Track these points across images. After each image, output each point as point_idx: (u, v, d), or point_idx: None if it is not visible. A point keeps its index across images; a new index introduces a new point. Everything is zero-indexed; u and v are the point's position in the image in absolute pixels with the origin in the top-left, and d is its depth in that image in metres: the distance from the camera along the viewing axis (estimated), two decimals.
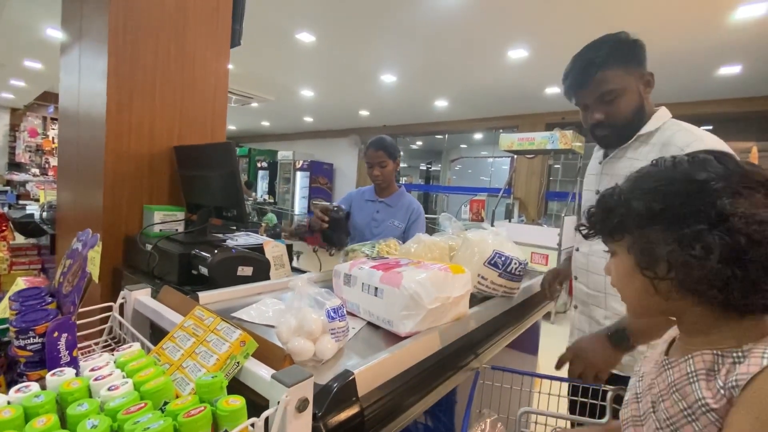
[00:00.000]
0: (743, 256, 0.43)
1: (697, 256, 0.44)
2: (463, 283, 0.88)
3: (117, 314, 0.81)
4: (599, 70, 0.99)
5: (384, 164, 1.91)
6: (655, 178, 0.51)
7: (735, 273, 0.43)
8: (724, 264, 0.43)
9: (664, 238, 0.48)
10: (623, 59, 1.00)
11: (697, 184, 0.47)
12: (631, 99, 1.01)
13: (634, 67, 1.00)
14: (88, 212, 1.57)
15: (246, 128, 11.86)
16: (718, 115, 5.51)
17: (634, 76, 1.01)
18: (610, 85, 0.99)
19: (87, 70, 1.60)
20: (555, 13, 3.39)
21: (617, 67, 0.99)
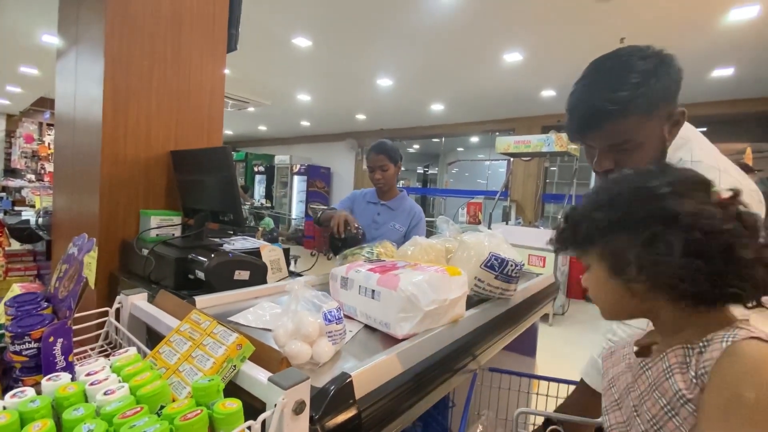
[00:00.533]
0: (703, 247, 0.46)
1: (662, 254, 0.48)
2: (460, 284, 0.88)
3: (113, 319, 0.81)
4: (611, 121, 0.76)
5: (385, 168, 1.92)
6: (609, 191, 0.56)
7: (698, 265, 0.46)
8: (688, 257, 0.46)
9: (629, 242, 0.51)
10: (646, 106, 0.74)
11: (646, 191, 0.52)
12: (651, 149, 0.79)
13: (661, 107, 0.76)
14: (84, 217, 1.57)
15: (243, 133, 11.87)
16: (712, 116, 5.56)
17: (659, 119, 0.77)
18: (626, 135, 0.77)
19: (83, 75, 1.60)
20: (550, 17, 3.42)
21: (637, 117, 0.75)
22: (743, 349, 0.44)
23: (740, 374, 0.43)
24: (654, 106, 0.75)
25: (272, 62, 5.11)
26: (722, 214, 0.48)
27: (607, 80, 0.77)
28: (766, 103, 5.06)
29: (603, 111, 0.75)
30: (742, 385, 0.42)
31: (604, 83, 0.77)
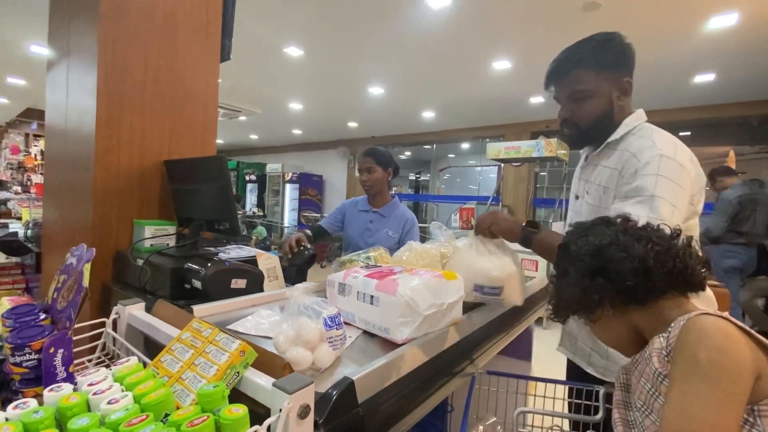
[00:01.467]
0: (594, 267, 0.64)
1: (571, 285, 0.67)
2: (457, 288, 0.89)
3: (110, 330, 0.80)
4: (574, 68, 0.99)
5: (372, 170, 1.95)
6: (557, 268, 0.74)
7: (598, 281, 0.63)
8: (586, 277, 0.64)
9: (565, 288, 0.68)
10: (599, 62, 0.97)
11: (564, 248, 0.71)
12: (599, 103, 0.99)
13: (610, 71, 0.98)
14: (76, 228, 1.55)
15: (234, 142, 11.83)
16: (695, 121, 5.70)
17: (608, 81, 0.98)
18: (580, 85, 0.99)
19: (75, 86, 1.60)
20: (537, 26, 3.50)
21: (591, 69, 0.97)
22: (695, 322, 0.54)
23: (694, 341, 0.52)
24: (603, 66, 0.97)
25: (264, 71, 5.13)
26: (606, 236, 0.65)
27: (575, 46, 1.01)
28: (746, 107, 5.20)
29: (565, 62, 1.00)
30: (696, 349, 0.51)
31: (573, 47, 1.01)
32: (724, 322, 0.53)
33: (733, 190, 3.65)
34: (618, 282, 0.61)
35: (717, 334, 0.51)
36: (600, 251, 0.64)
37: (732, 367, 0.49)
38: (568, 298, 0.68)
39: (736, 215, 3.56)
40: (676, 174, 0.86)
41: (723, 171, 3.84)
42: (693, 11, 3.11)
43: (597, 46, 0.98)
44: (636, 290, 0.61)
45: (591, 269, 0.64)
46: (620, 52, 0.99)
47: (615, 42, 0.99)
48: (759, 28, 3.29)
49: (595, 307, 0.65)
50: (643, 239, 0.63)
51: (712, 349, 0.50)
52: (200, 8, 1.66)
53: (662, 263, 0.61)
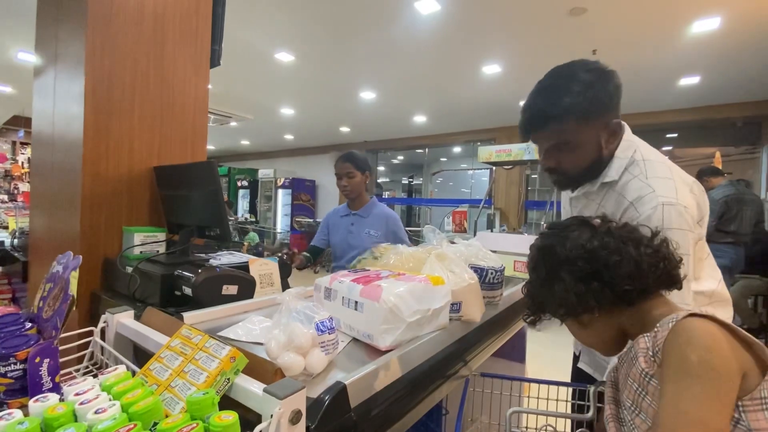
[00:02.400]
0: (589, 270, 0.63)
1: (564, 289, 0.65)
2: (443, 294, 0.87)
3: (98, 339, 0.79)
4: (554, 121, 0.87)
5: (352, 175, 2.00)
6: (530, 261, 0.73)
7: (593, 285, 0.63)
8: (581, 282, 0.64)
9: (552, 290, 0.67)
10: (584, 112, 0.85)
11: (545, 250, 0.70)
12: (588, 152, 0.90)
13: (596, 117, 0.87)
14: (64, 237, 1.52)
15: (225, 147, 11.77)
16: (681, 123, 5.80)
17: (596, 128, 0.88)
18: (564, 136, 0.89)
19: (62, 93, 1.58)
20: (526, 30, 3.55)
21: (575, 121, 0.86)
22: (685, 324, 0.55)
23: (684, 343, 0.53)
24: (590, 113, 0.86)
25: (255, 77, 5.12)
26: (594, 239, 0.64)
27: (554, 87, 0.88)
28: (731, 109, 5.31)
29: (546, 114, 0.88)
30: (686, 351, 0.52)
31: (551, 89, 0.89)
32: (709, 323, 0.54)
33: (719, 190, 3.72)
34: (615, 286, 0.61)
35: (705, 335, 0.53)
36: (593, 255, 0.63)
37: (722, 366, 0.50)
38: (555, 303, 0.67)
39: (723, 215, 3.63)
40: (681, 221, 0.81)
41: (710, 171, 3.91)
42: (676, 15, 3.17)
43: (580, 94, 0.85)
44: (630, 293, 0.62)
45: (584, 273, 0.63)
46: (608, 92, 0.87)
47: (601, 80, 0.87)
48: (741, 32, 3.38)
49: (584, 311, 0.65)
50: (630, 241, 0.64)
51: (702, 349, 0.51)
52: (189, 14, 1.66)
53: (654, 265, 0.62)
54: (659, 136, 6.41)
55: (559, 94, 0.86)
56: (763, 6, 2.98)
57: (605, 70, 0.88)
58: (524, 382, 1.08)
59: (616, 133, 0.92)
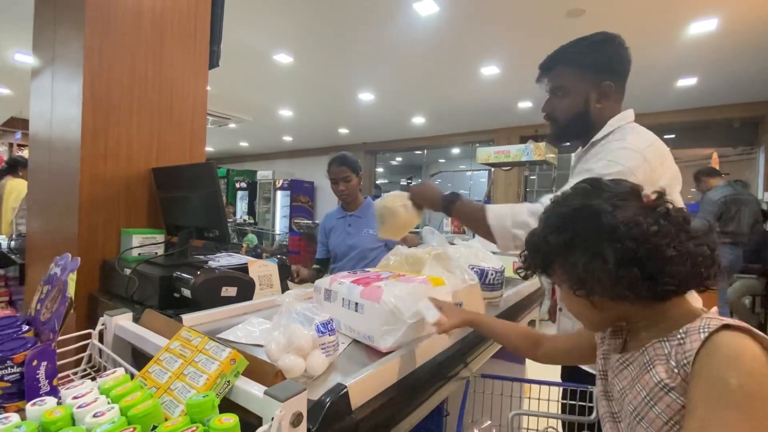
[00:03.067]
0: (634, 255, 0.51)
1: (600, 268, 0.53)
2: (444, 295, 0.87)
3: (96, 341, 0.78)
4: (558, 64, 1.01)
5: (349, 179, 2.00)
6: (558, 214, 0.60)
7: (634, 272, 0.51)
8: (624, 267, 0.51)
9: (580, 260, 0.55)
10: (583, 62, 0.98)
11: (587, 210, 0.56)
12: (575, 102, 1.00)
13: (591, 72, 0.98)
14: (61, 239, 1.52)
15: (224, 149, 11.76)
16: (679, 124, 5.83)
17: (587, 82, 0.98)
18: (559, 81, 1.01)
19: (60, 94, 1.57)
20: (524, 31, 3.56)
21: (572, 67, 0.99)
22: (720, 339, 0.48)
23: (723, 363, 0.47)
24: (582, 65, 0.98)
25: (253, 78, 5.12)
26: (650, 218, 0.53)
27: (570, 43, 1.01)
28: (728, 110, 5.34)
29: (552, 57, 1.02)
30: (725, 374, 0.46)
31: (567, 44, 1.01)
32: (749, 340, 0.48)
33: (717, 190, 3.73)
34: (659, 282, 0.51)
35: (747, 358, 0.46)
36: (648, 239, 0.51)
37: (764, 397, 0.45)
38: (573, 275, 0.56)
39: (722, 215, 3.64)
40: (633, 161, 0.85)
41: (707, 172, 3.92)
42: (674, 17, 3.19)
43: (586, 47, 0.98)
44: (669, 292, 0.53)
45: (630, 257, 0.51)
46: (608, 55, 0.98)
47: (606, 45, 0.98)
48: (738, 33, 3.39)
49: (610, 296, 0.55)
50: (687, 233, 0.53)
51: (744, 375, 0.45)
52: (188, 15, 1.66)
53: (707, 267, 0.53)
54: (657, 137, 6.42)
55: (571, 45, 1.00)
56: (760, 7, 2.99)
57: (613, 37, 0.98)
58: (525, 383, 1.08)
59: (606, 94, 0.99)
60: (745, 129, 5.52)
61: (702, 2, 2.96)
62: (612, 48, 0.98)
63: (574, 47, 0.99)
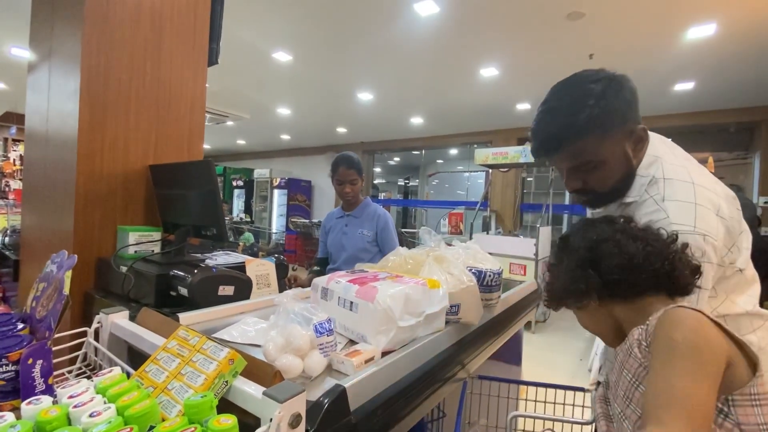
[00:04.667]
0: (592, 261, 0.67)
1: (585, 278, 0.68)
2: (440, 298, 0.85)
3: (92, 339, 0.78)
4: (572, 142, 0.79)
5: (355, 182, 2.01)
6: (553, 255, 0.78)
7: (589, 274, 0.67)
8: (587, 269, 0.67)
9: (564, 280, 0.71)
10: (601, 127, 0.77)
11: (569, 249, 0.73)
12: (615, 167, 0.81)
13: (616, 128, 0.78)
14: (57, 235, 1.50)
15: (221, 147, 11.71)
16: (676, 128, 5.86)
17: (618, 140, 0.79)
18: (584, 157, 0.80)
19: (57, 89, 1.56)
20: (524, 34, 3.56)
21: (593, 138, 0.77)
22: (672, 312, 0.59)
23: (670, 326, 0.57)
24: (608, 125, 0.77)
25: (252, 76, 5.10)
26: (606, 233, 0.68)
27: (563, 105, 0.80)
28: (724, 114, 5.37)
29: (560, 135, 0.79)
30: (672, 332, 0.56)
31: (561, 108, 0.80)
32: (696, 312, 0.57)
33: None
34: (605, 275, 0.66)
35: (691, 319, 0.56)
36: (596, 245, 0.68)
37: (704, 345, 0.53)
38: (559, 286, 0.72)
39: None
40: (696, 250, 0.71)
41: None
42: (673, 21, 3.20)
43: (593, 108, 0.76)
44: (619, 284, 0.65)
45: (583, 260, 0.68)
46: (622, 103, 0.79)
47: (612, 94, 0.78)
48: (735, 39, 3.41)
49: (582, 296, 0.69)
50: (638, 239, 0.66)
51: (686, 330, 0.55)
52: (188, 12, 1.65)
53: (650, 262, 0.64)
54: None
55: (570, 112, 0.78)
56: (758, 14, 3.01)
57: (615, 76, 0.80)
58: (521, 385, 1.08)
59: (643, 139, 0.83)
60: (740, 134, 5.57)
61: (701, 7, 2.98)
62: (623, 88, 0.80)
63: (583, 109, 0.76)
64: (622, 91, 0.79)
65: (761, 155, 5.20)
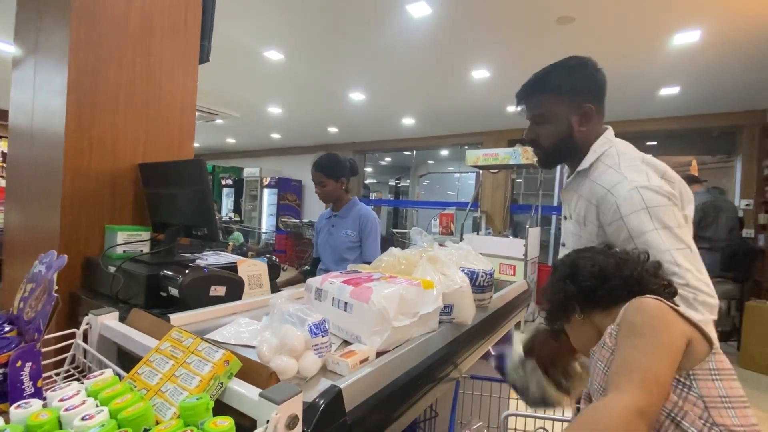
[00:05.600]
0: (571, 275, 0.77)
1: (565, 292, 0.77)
2: (434, 298, 0.86)
3: (81, 341, 0.76)
4: (536, 91, 1.01)
5: (324, 184, 2.03)
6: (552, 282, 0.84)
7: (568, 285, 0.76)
8: (566, 282, 0.77)
9: (550, 294, 0.81)
10: (561, 87, 0.98)
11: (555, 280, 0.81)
12: (558, 128, 1.00)
13: (570, 96, 0.98)
14: (42, 235, 1.47)
15: (210, 145, 11.57)
16: (661, 131, 5.98)
17: (567, 106, 0.98)
18: (540, 108, 1.01)
19: (43, 85, 1.53)
20: (515, 37, 3.60)
21: (550, 93, 0.98)
22: (634, 301, 0.66)
23: (632, 312, 0.64)
24: (563, 90, 0.97)
25: (243, 74, 5.05)
26: (593, 254, 0.77)
27: (545, 69, 1.02)
28: (708, 119, 5.50)
29: (529, 87, 1.02)
30: (633, 317, 0.63)
31: (542, 71, 1.02)
32: (657, 300, 0.64)
33: (697, 197, 3.83)
34: (581, 283, 0.73)
35: (651, 305, 0.63)
36: (574, 262, 0.78)
37: (663, 327, 0.59)
38: (548, 299, 0.80)
39: (701, 221, 3.75)
40: (658, 198, 0.87)
41: (687, 179, 4.01)
42: (659, 27, 3.27)
43: (563, 72, 0.98)
44: (595, 292, 0.72)
45: (564, 275, 0.77)
46: (585, 78, 0.99)
47: (582, 68, 0.99)
48: (719, 46, 3.50)
49: (564, 306, 0.76)
50: (611, 256, 0.77)
51: (645, 313, 0.62)
52: (178, 8, 1.63)
53: (620, 270, 0.72)
54: (640, 143, 6.53)
55: (544, 72, 1.00)
56: (741, 21, 3.10)
57: (587, 61, 1.00)
58: None
59: (588, 116, 0.99)
60: (723, 138, 5.70)
61: (686, 14, 3.05)
62: (588, 71, 0.99)
63: (551, 74, 1.00)
64: (585, 72, 0.99)
65: (743, 159, 5.34)
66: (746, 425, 0.56)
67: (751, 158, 5.20)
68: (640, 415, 0.49)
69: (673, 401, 0.57)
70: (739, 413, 0.56)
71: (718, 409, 0.56)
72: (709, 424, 0.55)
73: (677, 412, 0.57)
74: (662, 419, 0.58)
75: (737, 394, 0.58)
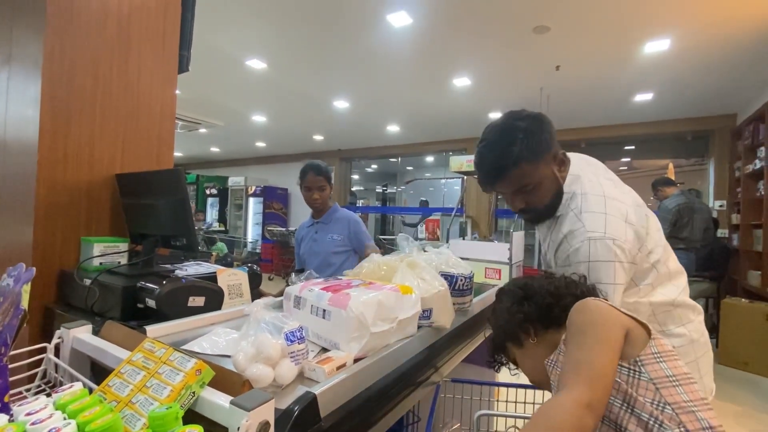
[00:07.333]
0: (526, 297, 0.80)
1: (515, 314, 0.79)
2: (412, 304, 0.87)
3: (52, 355, 0.75)
4: (511, 168, 0.95)
5: (324, 188, 2.04)
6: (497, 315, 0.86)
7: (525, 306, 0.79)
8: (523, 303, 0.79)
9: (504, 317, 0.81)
10: (534, 154, 0.94)
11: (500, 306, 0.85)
12: (549, 186, 0.99)
13: (545, 153, 0.97)
14: (14, 247, 1.43)
15: (194, 154, 11.43)
16: (636, 136, 6.17)
17: (547, 163, 0.98)
18: (522, 180, 0.97)
19: (16, 95, 1.50)
20: (493, 46, 3.68)
21: (529, 162, 0.94)
22: (576, 304, 0.70)
23: (575, 313, 0.69)
24: (538, 153, 0.95)
25: (226, 83, 5.03)
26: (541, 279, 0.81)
27: (499, 139, 0.97)
28: (682, 123, 5.70)
29: (500, 164, 0.96)
30: (575, 318, 0.68)
31: (497, 142, 0.97)
32: (596, 299, 0.70)
33: (672, 199, 3.96)
34: (539, 302, 0.77)
35: (588, 304, 0.68)
36: (526, 286, 0.81)
37: (601, 321, 0.64)
38: (499, 326, 0.82)
39: (676, 222, 3.87)
40: (607, 253, 0.89)
41: (663, 182, 4.17)
42: (630, 36, 3.39)
43: (526, 137, 0.94)
44: (552, 309, 0.75)
45: (518, 297, 0.80)
46: (545, 132, 0.97)
47: (537, 123, 0.97)
48: (688, 53, 3.65)
49: (520, 328, 0.78)
50: (558, 278, 0.82)
51: (585, 312, 0.67)
52: (157, 17, 1.62)
53: (572, 289, 0.78)
54: (617, 148, 6.77)
55: (506, 144, 0.95)
56: (708, 29, 3.23)
57: (535, 115, 0.99)
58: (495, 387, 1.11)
59: (564, 161, 1.02)
60: (697, 141, 5.91)
61: (655, 23, 3.17)
62: (543, 124, 0.98)
63: (513, 145, 0.94)
64: (542, 125, 0.97)
65: (715, 161, 5.53)
66: (695, 399, 0.60)
67: (722, 161, 5.40)
68: (588, 408, 0.52)
69: (625, 391, 0.61)
70: (687, 389, 0.60)
71: (668, 388, 0.60)
72: (662, 406, 0.59)
73: (630, 401, 0.61)
74: (617, 410, 0.61)
75: (681, 372, 0.62)
